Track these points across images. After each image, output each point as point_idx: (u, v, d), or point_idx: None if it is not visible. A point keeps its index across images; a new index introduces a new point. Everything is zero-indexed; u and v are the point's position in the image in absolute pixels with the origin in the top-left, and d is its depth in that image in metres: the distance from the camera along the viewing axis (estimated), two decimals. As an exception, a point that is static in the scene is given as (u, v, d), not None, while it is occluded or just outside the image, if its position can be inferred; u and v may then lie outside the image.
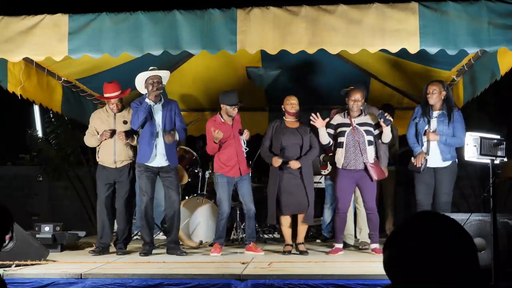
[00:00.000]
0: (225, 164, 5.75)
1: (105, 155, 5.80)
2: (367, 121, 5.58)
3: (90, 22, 4.76)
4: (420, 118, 5.50)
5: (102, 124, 5.85)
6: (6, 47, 4.80)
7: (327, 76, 7.38)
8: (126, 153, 5.81)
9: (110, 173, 5.80)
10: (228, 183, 5.76)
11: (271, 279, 4.10)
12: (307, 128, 5.76)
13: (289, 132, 5.75)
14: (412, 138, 5.55)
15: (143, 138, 5.64)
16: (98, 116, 5.95)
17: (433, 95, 5.39)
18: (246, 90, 8.06)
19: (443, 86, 5.44)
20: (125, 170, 5.81)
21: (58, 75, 6.24)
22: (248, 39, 4.66)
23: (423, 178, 5.43)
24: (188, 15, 4.71)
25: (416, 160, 5.38)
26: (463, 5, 4.55)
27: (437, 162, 5.40)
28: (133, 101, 5.69)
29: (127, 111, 5.90)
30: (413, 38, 4.56)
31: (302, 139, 5.71)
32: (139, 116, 5.54)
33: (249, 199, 5.80)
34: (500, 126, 8.07)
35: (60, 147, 9.76)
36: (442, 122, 5.41)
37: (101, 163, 5.86)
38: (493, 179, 4.15)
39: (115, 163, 5.78)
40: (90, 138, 5.92)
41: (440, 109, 5.45)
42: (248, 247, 5.73)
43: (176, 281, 4.15)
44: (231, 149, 5.77)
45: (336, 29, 4.62)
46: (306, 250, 5.63)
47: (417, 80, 6.79)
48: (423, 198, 5.40)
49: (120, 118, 5.86)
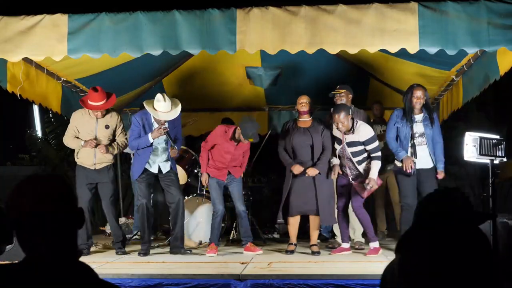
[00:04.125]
0: (215, 169, 5.82)
1: (85, 157, 5.71)
2: (356, 139, 5.48)
3: (90, 22, 4.75)
4: (401, 122, 5.49)
5: (83, 127, 5.73)
6: (5, 47, 4.79)
7: (326, 76, 7.37)
8: (105, 157, 5.75)
9: (90, 174, 5.73)
10: (218, 184, 5.82)
11: (270, 279, 4.10)
12: (319, 128, 5.69)
13: (300, 132, 5.71)
14: (393, 142, 5.52)
15: (139, 155, 5.68)
16: (80, 116, 5.79)
17: (421, 99, 5.42)
18: (246, 90, 8.08)
19: (425, 90, 5.52)
20: (104, 171, 5.75)
21: (57, 75, 6.23)
22: (247, 39, 4.66)
23: (410, 181, 5.42)
24: (188, 15, 4.70)
25: (404, 165, 5.36)
26: (463, 5, 4.55)
27: (423, 164, 5.42)
28: (134, 115, 5.68)
29: (110, 116, 5.80)
30: (412, 38, 4.56)
31: (312, 139, 5.65)
32: (139, 146, 5.59)
33: (240, 200, 5.85)
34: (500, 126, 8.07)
35: (60, 147, 9.73)
36: (427, 125, 5.45)
37: (79, 164, 5.77)
38: (493, 179, 4.16)
39: (95, 164, 5.72)
40: (71, 141, 5.75)
41: (420, 112, 5.48)
42: (245, 247, 5.73)
43: (175, 281, 4.15)
44: (225, 161, 5.79)
45: (335, 29, 4.62)
46: (318, 251, 5.62)
47: (417, 80, 6.78)
48: (411, 202, 5.39)
49: (102, 122, 5.74)
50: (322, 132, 5.68)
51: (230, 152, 5.75)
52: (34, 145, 10.17)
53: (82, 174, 5.73)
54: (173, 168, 5.80)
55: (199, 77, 7.73)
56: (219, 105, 8.37)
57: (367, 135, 5.47)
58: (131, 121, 5.77)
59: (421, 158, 5.44)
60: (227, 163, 5.80)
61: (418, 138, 5.47)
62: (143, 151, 5.65)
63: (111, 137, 5.79)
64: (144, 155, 5.65)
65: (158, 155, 5.71)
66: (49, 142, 10.05)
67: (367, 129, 5.51)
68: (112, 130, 5.79)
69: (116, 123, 5.84)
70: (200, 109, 8.38)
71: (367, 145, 5.47)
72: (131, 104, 8.20)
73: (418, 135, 5.46)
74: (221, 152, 5.77)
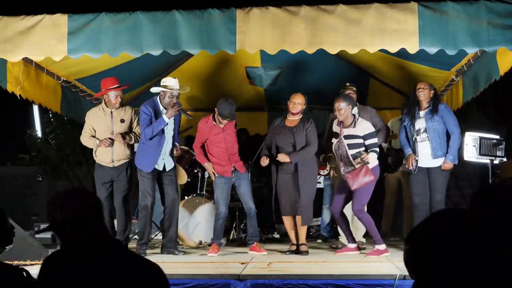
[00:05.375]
0: (219, 165, 5.76)
1: (103, 154, 5.76)
2: (355, 133, 5.40)
3: (90, 22, 4.75)
4: (407, 120, 5.50)
5: (99, 123, 5.78)
6: (5, 47, 4.80)
7: (326, 76, 7.37)
8: (124, 152, 5.78)
9: (108, 172, 5.76)
10: (225, 183, 5.76)
11: (270, 279, 4.10)
12: (304, 126, 5.66)
13: (284, 131, 5.70)
14: (403, 141, 5.54)
15: (150, 147, 5.61)
16: (95, 114, 5.86)
17: (424, 90, 5.41)
18: (246, 90, 8.08)
19: (431, 86, 5.51)
20: (122, 168, 5.77)
21: (57, 75, 6.23)
22: (247, 39, 4.66)
23: (418, 179, 5.41)
24: (188, 15, 4.70)
25: (407, 162, 5.35)
26: (463, 5, 4.55)
27: (429, 161, 5.39)
28: (143, 104, 5.64)
29: (123, 110, 5.85)
30: (412, 38, 4.56)
31: (295, 138, 5.63)
32: (154, 131, 5.50)
33: (249, 198, 5.79)
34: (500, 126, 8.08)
35: (60, 147, 9.77)
36: (430, 119, 5.41)
37: (98, 162, 5.81)
38: (493, 179, 4.16)
39: (113, 162, 5.74)
40: (88, 140, 5.83)
41: (427, 107, 5.47)
42: (251, 247, 5.72)
43: (175, 281, 4.15)
44: (221, 151, 5.76)
45: (335, 29, 4.62)
46: (306, 250, 5.60)
47: (417, 80, 6.78)
48: (420, 200, 5.37)
49: (117, 116, 5.79)
50: (307, 129, 5.64)
51: (221, 136, 5.71)
52: (34, 145, 10.17)
53: (100, 173, 5.78)
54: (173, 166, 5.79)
55: (199, 77, 7.72)
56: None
57: (366, 130, 5.42)
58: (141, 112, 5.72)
59: (423, 155, 5.41)
60: (226, 153, 5.74)
61: (422, 134, 5.44)
62: (155, 143, 5.58)
63: (128, 132, 5.82)
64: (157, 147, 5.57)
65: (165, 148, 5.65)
66: (49, 142, 10.05)
67: (367, 125, 5.48)
68: (128, 124, 5.81)
69: (131, 116, 5.88)
70: (200, 109, 8.37)
71: (366, 140, 5.40)
72: (131, 104, 8.18)
73: (422, 131, 5.43)
74: (215, 143, 5.74)
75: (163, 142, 5.61)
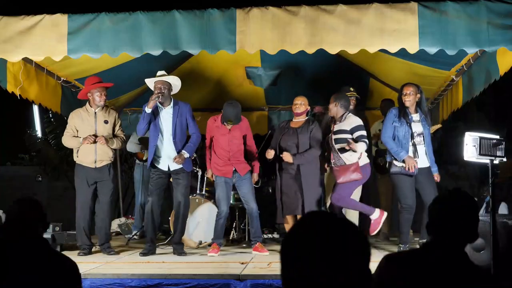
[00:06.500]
0: (219, 165, 5.80)
1: (85, 155, 5.68)
2: (343, 127, 5.49)
3: (89, 22, 4.75)
4: (399, 121, 5.43)
5: (82, 124, 5.72)
6: (5, 47, 4.80)
7: (326, 76, 7.37)
8: (107, 153, 5.74)
9: (89, 173, 5.69)
10: (226, 182, 5.77)
11: (270, 279, 4.10)
12: (308, 128, 5.71)
13: (289, 133, 5.78)
14: (392, 142, 5.41)
15: (150, 142, 5.66)
16: (78, 115, 5.78)
17: (410, 96, 5.39)
18: (245, 90, 8.08)
19: (418, 89, 5.47)
20: (104, 169, 5.72)
21: (57, 75, 6.24)
22: (247, 39, 4.66)
23: (409, 182, 5.40)
24: (188, 15, 4.70)
25: (407, 166, 5.32)
26: (462, 5, 4.55)
27: (421, 163, 5.39)
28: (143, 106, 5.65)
29: (107, 112, 5.82)
30: (412, 38, 4.56)
31: (298, 139, 5.68)
32: (139, 124, 5.57)
33: (251, 198, 5.80)
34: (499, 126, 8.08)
35: (59, 147, 9.76)
36: (425, 126, 5.44)
37: (79, 163, 5.73)
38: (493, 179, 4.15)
39: (95, 163, 5.68)
40: (70, 140, 5.74)
41: (416, 112, 5.46)
42: (254, 247, 5.72)
43: (175, 281, 4.15)
44: (224, 152, 5.79)
45: (335, 29, 4.62)
46: None
47: (417, 80, 6.78)
48: (411, 203, 5.36)
49: (101, 117, 5.75)
50: (311, 131, 5.70)
51: (226, 138, 5.77)
52: (34, 145, 10.19)
53: (82, 174, 5.71)
54: (184, 168, 5.69)
55: (198, 77, 7.73)
56: (219, 105, 8.34)
57: (354, 123, 5.49)
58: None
59: (420, 157, 5.43)
60: (226, 151, 5.76)
61: (416, 137, 5.46)
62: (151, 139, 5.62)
63: (111, 133, 5.79)
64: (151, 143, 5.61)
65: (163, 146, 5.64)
66: (49, 142, 10.07)
67: (355, 119, 5.54)
68: (111, 126, 5.79)
69: (115, 119, 5.86)
70: (200, 109, 8.37)
71: (354, 132, 5.43)
72: (131, 104, 8.20)
73: (417, 135, 5.44)
74: (219, 143, 5.79)
75: (156, 137, 5.60)
